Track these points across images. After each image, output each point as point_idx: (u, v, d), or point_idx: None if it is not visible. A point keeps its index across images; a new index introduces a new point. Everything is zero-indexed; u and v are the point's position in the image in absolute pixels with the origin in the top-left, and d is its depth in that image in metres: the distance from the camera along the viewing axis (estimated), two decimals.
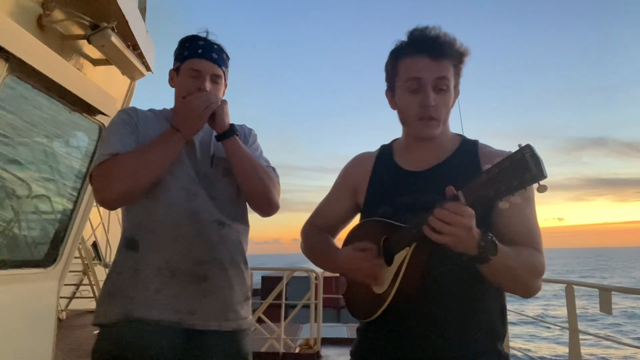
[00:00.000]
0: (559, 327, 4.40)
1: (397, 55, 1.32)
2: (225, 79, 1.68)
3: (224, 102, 1.60)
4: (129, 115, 1.60)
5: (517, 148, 0.97)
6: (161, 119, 1.63)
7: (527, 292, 1.21)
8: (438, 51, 1.25)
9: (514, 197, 0.97)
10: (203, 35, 1.64)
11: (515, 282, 1.19)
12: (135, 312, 1.46)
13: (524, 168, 0.94)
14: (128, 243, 1.54)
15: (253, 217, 1.73)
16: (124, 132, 1.55)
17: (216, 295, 1.52)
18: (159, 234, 1.51)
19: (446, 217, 1.03)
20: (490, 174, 1.00)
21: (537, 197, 1.28)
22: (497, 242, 1.09)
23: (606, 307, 3.31)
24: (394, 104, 1.38)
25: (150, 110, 1.69)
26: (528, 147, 0.95)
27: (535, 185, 0.95)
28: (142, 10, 2.99)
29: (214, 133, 1.61)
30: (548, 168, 0.96)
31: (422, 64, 1.26)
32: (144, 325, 1.45)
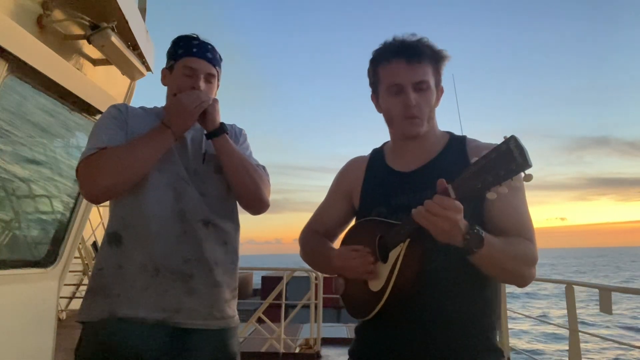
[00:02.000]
0: (558, 327, 4.41)
1: (376, 63, 1.38)
2: (218, 79, 1.68)
3: (215, 100, 1.60)
4: (118, 111, 1.60)
5: (502, 140, 1.00)
6: (152, 116, 1.63)
7: (520, 281, 1.24)
8: (413, 54, 1.31)
9: (501, 187, 1.01)
10: (196, 35, 1.64)
11: (506, 273, 1.21)
12: (119, 311, 1.44)
13: (509, 158, 0.98)
14: (111, 238, 1.52)
15: (256, 217, 1.73)
16: (112, 126, 1.54)
17: (202, 294, 1.51)
18: (143, 230, 1.49)
19: (433, 209, 1.07)
20: (477, 166, 1.03)
21: (538, 196, 1.30)
22: (483, 235, 1.11)
23: (606, 307, 3.32)
24: (379, 107, 1.43)
25: (141, 107, 1.68)
26: (513, 138, 0.99)
27: (522, 175, 0.98)
28: (142, 10, 2.99)
29: (204, 132, 1.61)
30: (549, 167, 0.97)
31: (400, 69, 1.31)
32: (129, 324, 1.44)
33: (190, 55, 1.60)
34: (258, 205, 1.63)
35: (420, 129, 1.33)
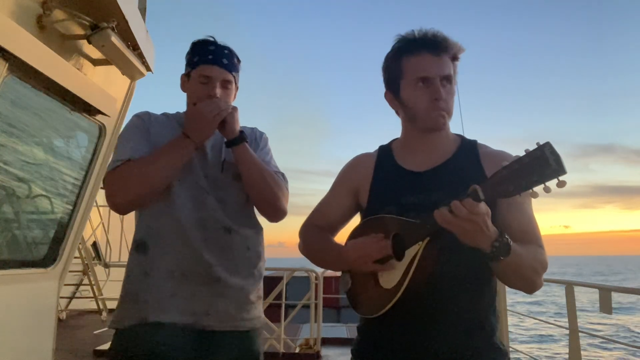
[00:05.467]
0: (559, 327, 4.41)
1: (399, 55, 1.35)
2: (236, 83, 1.69)
3: (235, 109, 1.61)
4: (141, 120, 1.64)
5: (536, 146, 1.01)
6: (173, 123, 1.66)
7: (532, 288, 1.25)
8: (439, 47, 1.31)
9: (532, 192, 1.02)
10: (212, 39, 1.65)
11: (521, 279, 1.22)
12: (150, 317, 1.48)
13: (544, 164, 0.99)
14: (138, 246, 1.57)
15: (260, 220, 1.74)
16: (136, 137, 1.59)
17: (229, 296, 1.55)
18: (167, 238, 1.54)
19: (460, 212, 1.06)
20: (510, 170, 1.04)
21: (542, 203, 1.32)
22: (511, 243, 1.11)
23: (606, 307, 3.32)
24: (396, 105, 1.41)
25: (164, 114, 1.71)
26: (548, 144, 1.00)
27: (555, 181, 0.99)
28: (142, 10, 2.99)
29: (224, 140, 1.63)
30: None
31: (428, 62, 1.31)
32: (159, 328, 1.47)
33: (206, 62, 1.61)
34: (275, 213, 1.66)
35: (445, 122, 1.34)
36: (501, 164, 1.06)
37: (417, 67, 1.32)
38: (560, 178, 0.98)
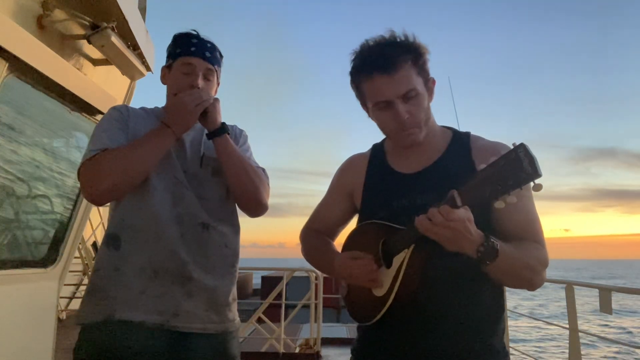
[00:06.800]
0: (559, 327, 4.42)
1: (356, 79, 1.31)
2: (217, 77, 1.67)
3: (216, 100, 1.59)
4: (119, 113, 1.59)
5: (511, 147, 0.97)
6: (152, 117, 1.62)
7: (531, 286, 1.23)
8: (391, 64, 1.22)
9: (509, 197, 0.98)
10: (195, 33, 1.63)
11: (518, 280, 1.20)
12: (117, 314, 1.43)
13: (518, 167, 0.95)
14: (109, 240, 1.51)
15: (260, 221, 1.72)
16: (113, 128, 1.54)
17: (200, 297, 1.50)
18: (142, 233, 1.49)
19: (436, 218, 1.04)
20: (485, 174, 1.00)
21: (543, 207, 1.29)
22: (498, 247, 1.09)
23: (606, 307, 3.32)
24: (371, 118, 1.38)
25: (142, 108, 1.67)
26: (522, 146, 0.95)
27: (531, 184, 0.95)
28: (142, 10, 2.99)
29: (205, 132, 1.60)
30: (556, 178, 0.97)
31: (382, 85, 1.23)
32: (127, 327, 1.42)
33: (189, 54, 1.59)
34: (256, 207, 1.62)
35: (419, 137, 1.29)
36: (483, 164, 1.02)
37: (373, 93, 1.26)
38: (536, 181, 0.94)
